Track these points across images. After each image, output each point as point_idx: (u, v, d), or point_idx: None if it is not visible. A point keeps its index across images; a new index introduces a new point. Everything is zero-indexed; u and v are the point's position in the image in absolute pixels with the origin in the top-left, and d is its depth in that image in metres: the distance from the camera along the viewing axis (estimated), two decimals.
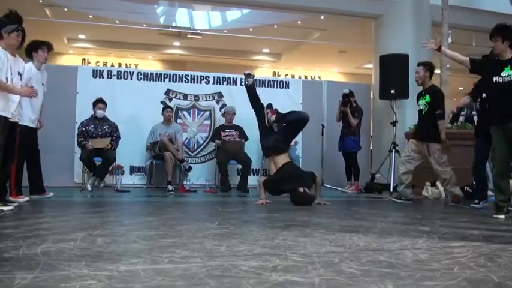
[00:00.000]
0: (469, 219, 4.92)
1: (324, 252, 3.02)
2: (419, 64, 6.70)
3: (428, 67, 6.58)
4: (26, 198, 5.72)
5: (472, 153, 6.14)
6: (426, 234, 3.77)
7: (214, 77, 9.30)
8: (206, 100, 9.18)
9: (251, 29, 13.53)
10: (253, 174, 8.95)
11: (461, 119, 8.11)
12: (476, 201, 6.09)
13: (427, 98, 6.47)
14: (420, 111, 6.59)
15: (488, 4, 9.78)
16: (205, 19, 13.93)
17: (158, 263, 2.64)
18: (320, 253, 2.98)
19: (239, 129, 8.55)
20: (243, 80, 7.34)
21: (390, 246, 3.27)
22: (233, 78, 9.28)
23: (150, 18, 13.47)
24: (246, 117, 8.03)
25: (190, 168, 8.06)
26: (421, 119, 6.66)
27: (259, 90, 7.09)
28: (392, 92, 8.69)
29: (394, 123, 8.66)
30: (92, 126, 7.83)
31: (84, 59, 16.15)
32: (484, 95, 5.95)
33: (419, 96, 6.65)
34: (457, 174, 6.47)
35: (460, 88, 14.26)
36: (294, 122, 6.47)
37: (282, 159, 6.25)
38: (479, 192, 6.18)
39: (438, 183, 7.42)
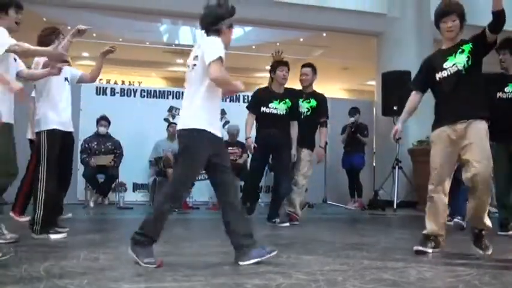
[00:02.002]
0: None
1: (328, 270, 3.00)
2: (306, 66, 6.32)
3: (315, 70, 6.31)
4: (28, 218, 5.63)
5: None
6: (430, 252, 3.75)
7: None
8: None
9: (254, 47, 13.60)
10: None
11: None
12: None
13: (312, 102, 6.15)
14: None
15: (490, 21, 9.80)
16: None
17: (161, 282, 2.62)
18: (324, 271, 2.97)
19: (242, 146, 8.55)
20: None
21: (394, 264, 3.25)
22: (236, 95, 9.30)
23: (153, 36, 13.56)
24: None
25: (192, 185, 8.03)
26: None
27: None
28: (394, 108, 8.70)
29: (397, 140, 8.64)
30: (95, 143, 7.85)
31: None
32: None
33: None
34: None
35: None
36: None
37: None
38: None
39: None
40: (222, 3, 3.60)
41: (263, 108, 5.77)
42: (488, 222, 3.61)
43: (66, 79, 4.51)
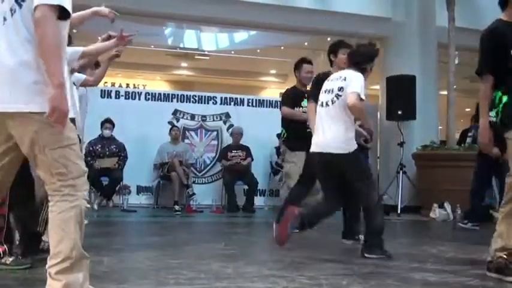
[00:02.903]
0: (478, 242, 4.86)
1: (332, 275, 2.99)
2: (309, 62, 5.86)
3: None
4: None
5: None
6: (434, 257, 3.74)
7: (221, 98, 9.33)
8: (213, 120, 9.20)
9: (258, 50, 13.61)
10: (260, 195, 8.92)
11: (468, 140, 8.08)
12: (466, 221, 6.00)
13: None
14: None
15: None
16: (212, 40, 14.03)
17: (164, 285, 2.62)
18: (328, 275, 2.96)
19: (246, 150, 8.55)
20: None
21: (398, 268, 3.24)
22: (240, 98, 9.30)
23: (158, 40, 13.59)
24: (253, 138, 8.02)
25: (193, 194, 8.05)
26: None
27: (267, 111, 7.05)
28: (399, 112, 8.68)
29: (401, 144, 8.64)
30: (100, 146, 7.86)
31: None
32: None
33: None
34: (464, 195, 6.36)
35: (467, 109, 14.22)
36: None
37: None
38: (472, 215, 6.03)
39: (446, 205, 7.35)
40: (373, 44, 4.15)
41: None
42: None
43: (73, 83, 4.51)
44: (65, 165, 2.08)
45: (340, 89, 3.81)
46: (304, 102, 5.39)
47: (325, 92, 3.96)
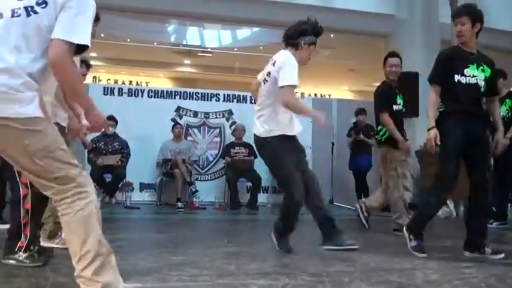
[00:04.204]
0: None
1: (334, 272, 3.00)
2: (395, 56, 5.80)
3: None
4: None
5: None
6: (437, 254, 3.74)
7: (224, 95, 9.34)
8: (216, 117, 9.21)
9: (261, 47, 13.61)
10: (263, 192, 8.92)
11: None
12: (491, 220, 5.84)
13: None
14: None
15: (499, 22, 9.77)
16: (215, 37, 14.05)
17: (167, 281, 2.63)
18: (330, 272, 2.96)
19: (249, 147, 8.55)
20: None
21: (401, 266, 3.25)
22: (243, 95, 9.30)
23: (161, 37, 13.61)
24: None
25: (196, 191, 8.06)
26: None
27: None
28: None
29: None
30: (103, 143, 7.88)
31: (95, 77, 16.29)
32: None
33: None
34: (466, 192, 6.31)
35: None
36: None
37: None
38: (497, 214, 5.98)
39: (448, 202, 7.35)
40: (308, 21, 3.79)
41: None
42: None
43: None
44: (59, 168, 2.02)
45: (268, 74, 3.74)
46: (398, 98, 5.54)
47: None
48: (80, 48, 2.01)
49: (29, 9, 1.99)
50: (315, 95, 17.74)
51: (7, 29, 1.98)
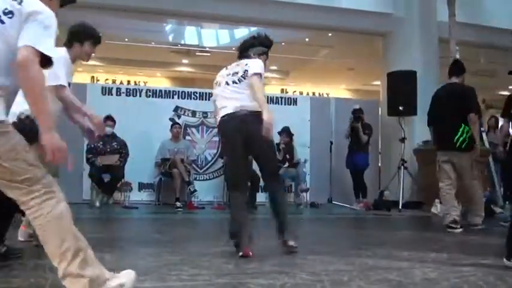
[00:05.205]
0: (478, 237, 4.87)
1: (333, 271, 3.00)
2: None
3: None
4: None
5: None
6: (435, 252, 3.74)
7: None
8: (215, 117, 9.19)
9: None
10: (261, 191, 8.92)
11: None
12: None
13: None
14: None
15: (496, 21, 9.78)
16: (213, 37, 14.03)
17: (166, 281, 2.63)
18: (329, 271, 2.96)
19: None
20: None
21: (399, 264, 3.25)
22: None
23: (159, 36, 13.58)
24: None
25: (195, 191, 8.06)
26: None
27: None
28: (400, 108, 8.68)
29: (402, 140, 8.64)
30: (101, 143, 7.86)
31: (93, 77, 16.27)
32: None
33: None
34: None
35: None
36: None
37: None
38: None
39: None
40: (258, 36, 4.35)
41: None
42: None
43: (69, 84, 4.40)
44: (27, 169, 2.04)
45: (235, 73, 4.33)
46: None
47: None
48: (45, 63, 2.07)
49: None
50: (313, 93, 17.74)
51: None
